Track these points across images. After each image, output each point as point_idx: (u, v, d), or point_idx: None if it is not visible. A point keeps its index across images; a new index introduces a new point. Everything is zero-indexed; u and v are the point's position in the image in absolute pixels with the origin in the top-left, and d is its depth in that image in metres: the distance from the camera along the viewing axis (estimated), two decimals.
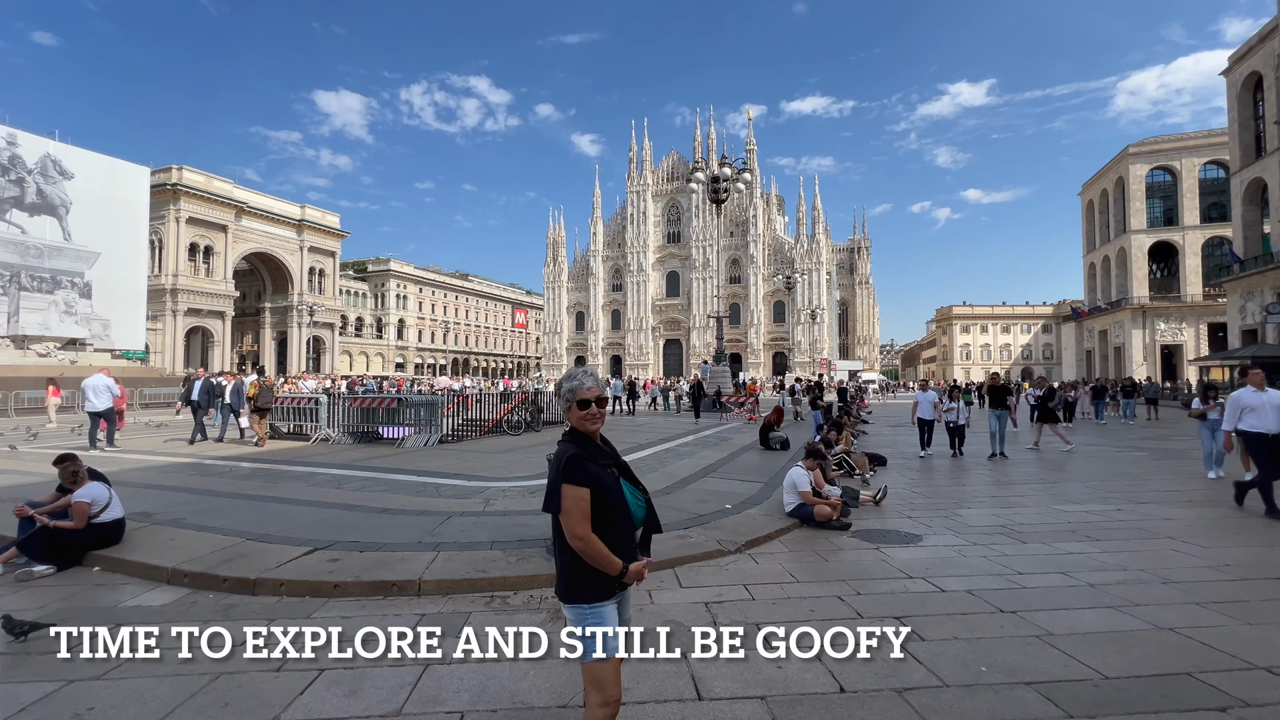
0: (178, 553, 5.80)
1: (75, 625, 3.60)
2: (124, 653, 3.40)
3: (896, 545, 6.45)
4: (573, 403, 2.45)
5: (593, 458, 2.40)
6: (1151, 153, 61.65)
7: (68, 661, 3.65)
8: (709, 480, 10.11)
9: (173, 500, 8.20)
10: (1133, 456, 13.89)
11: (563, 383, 2.52)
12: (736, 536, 6.56)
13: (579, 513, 2.30)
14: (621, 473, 2.51)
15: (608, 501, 2.36)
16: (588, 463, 2.37)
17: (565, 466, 2.35)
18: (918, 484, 10.47)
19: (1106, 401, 24.40)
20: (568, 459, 2.36)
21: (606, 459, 2.46)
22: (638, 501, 2.52)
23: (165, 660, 3.52)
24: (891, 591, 5.01)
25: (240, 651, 3.44)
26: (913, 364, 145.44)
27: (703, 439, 16.51)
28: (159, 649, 3.48)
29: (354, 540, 6.18)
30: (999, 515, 7.92)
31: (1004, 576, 5.34)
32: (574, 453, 2.37)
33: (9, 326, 32.64)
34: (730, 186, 31.18)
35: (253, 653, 3.40)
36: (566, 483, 2.32)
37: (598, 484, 2.34)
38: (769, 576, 5.42)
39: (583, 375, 2.50)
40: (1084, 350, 75.18)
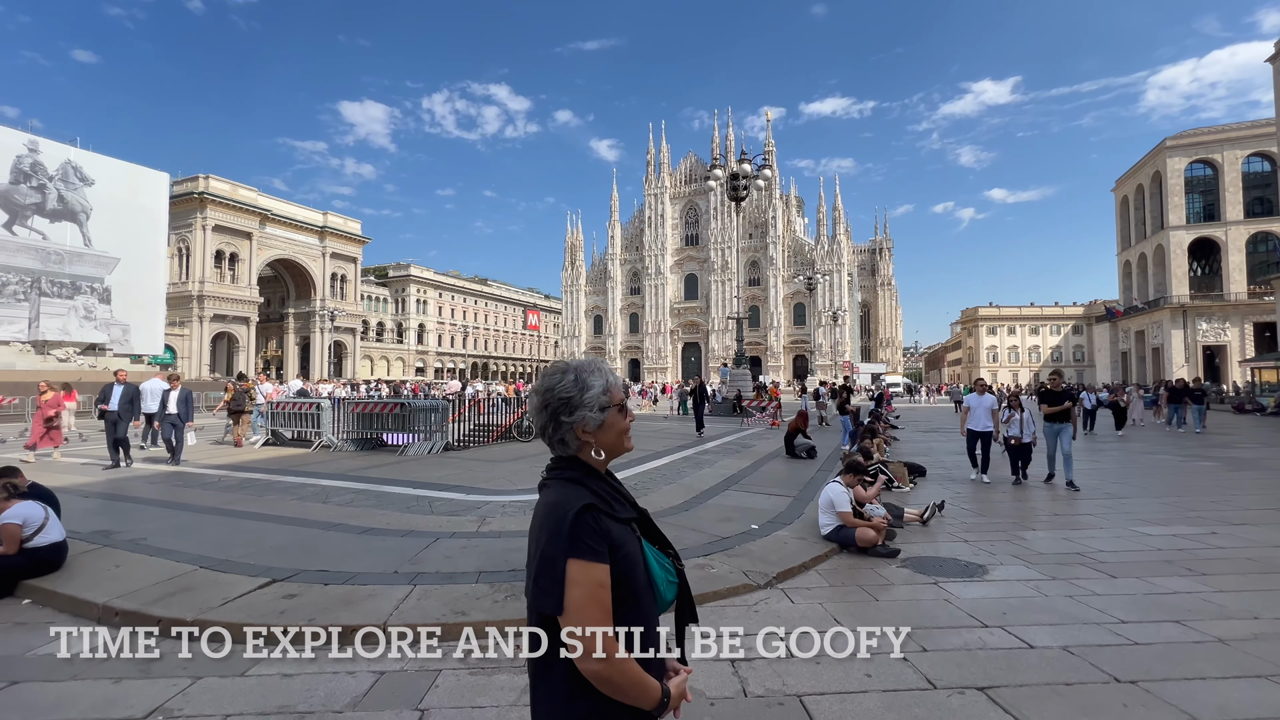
0: (117, 584, 5.01)
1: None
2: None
3: (958, 579, 5.42)
4: (608, 409, 1.50)
5: (611, 509, 1.44)
6: (1191, 145, 59.10)
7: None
8: (731, 494, 9.13)
9: (142, 516, 7.49)
10: (1201, 467, 12.56)
11: (580, 376, 1.51)
12: (766, 566, 5.59)
13: (599, 611, 1.33)
14: (642, 528, 1.54)
15: (632, 582, 1.41)
16: (606, 519, 1.40)
17: (575, 527, 1.34)
18: (965, 498, 9.37)
19: (1184, 403, 20.86)
20: (577, 514, 1.36)
21: (625, 507, 1.50)
22: (666, 574, 1.54)
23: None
24: (966, 646, 4.00)
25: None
26: (937, 366, 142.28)
27: (723, 446, 15.51)
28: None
29: (321, 569, 5.34)
30: (1070, 539, 6.83)
31: (1104, 627, 4.29)
32: (588, 503, 1.39)
33: (30, 332, 32.84)
34: (750, 184, 30.17)
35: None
36: (578, 557, 1.33)
37: (621, 554, 1.40)
38: (809, 622, 4.44)
39: (601, 367, 1.55)
40: (1119, 352, 72.39)
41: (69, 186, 34.90)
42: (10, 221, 33.22)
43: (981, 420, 10.88)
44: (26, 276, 33.23)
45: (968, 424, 11.07)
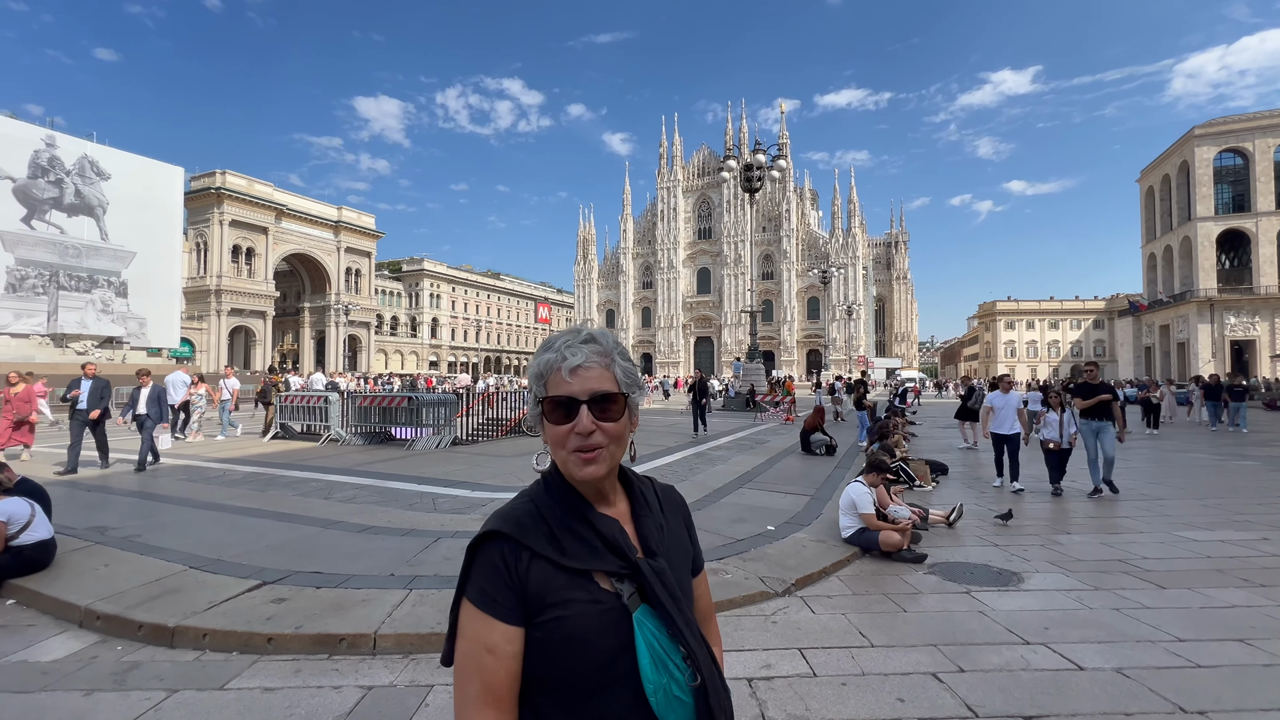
0: (103, 585, 4.79)
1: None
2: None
3: (991, 587, 5.04)
4: (541, 403, 1.06)
5: (557, 547, 1.00)
6: (1220, 134, 57.30)
7: None
8: (746, 492, 8.78)
9: (139, 511, 7.31)
10: (1241, 467, 11.98)
11: (539, 353, 1.10)
12: (785, 572, 5.24)
13: (476, 687, 0.95)
14: (642, 592, 1.01)
15: (570, 669, 0.96)
16: (536, 560, 0.98)
17: (469, 560, 1.01)
18: (991, 498, 8.94)
19: (1222, 401, 19.76)
20: (478, 542, 1.01)
21: (596, 551, 1.01)
22: (669, 677, 0.97)
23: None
24: (1007, 667, 3.63)
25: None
26: (953, 361, 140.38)
27: (737, 442, 15.15)
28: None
29: (315, 571, 5.08)
30: (1110, 544, 6.40)
31: (1160, 645, 3.90)
32: (494, 530, 1.00)
33: (48, 325, 33.23)
34: (764, 175, 29.65)
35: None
36: (469, 600, 0.98)
37: (551, 621, 0.96)
38: (832, 636, 4.10)
39: (566, 343, 1.06)
40: (1142, 346, 70.71)
41: (86, 181, 35.20)
42: (29, 216, 33.58)
43: (1008, 422, 9.58)
44: (45, 270, 33.61)
45: (991, 426, 9.76)
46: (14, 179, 32.78)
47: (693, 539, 1.22)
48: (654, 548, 1.07)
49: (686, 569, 1.14)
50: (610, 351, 1.08)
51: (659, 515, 1.14)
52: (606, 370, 1.06)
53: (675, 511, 1.20)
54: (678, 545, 1.14)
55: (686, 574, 1.13)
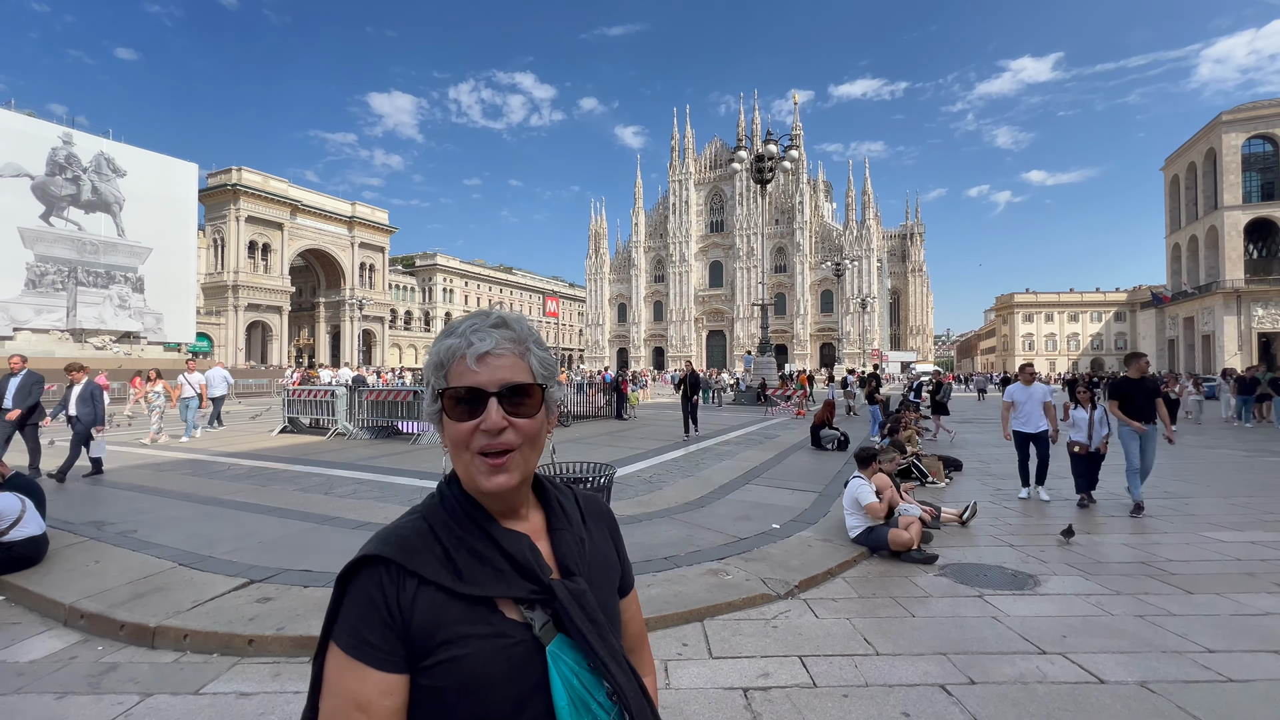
0: (90, 582, 4.72)
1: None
2: None
3: (1005, 591, 4.80)
4: (439, 400, 0.87)
5: (452, 573, 0.82)
6: (1249, 120, 55.56)
7: None
8: (752, 489, 8.57)
9: (140, 506, 7.27)
10: (1269, 464, 11.53)
11: (438, 340, 0.92)
12: (788, 573, 5.04)
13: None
14: (558, 620, 0.84)
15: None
16: (427, 588, 0.80)
17: (341, 594, 0.82)
18: (1006, 496, 8.65)
19: (1257, 395, 18.85)
20: (351, 570, 0.82)
21: (505, 575, 0.84)
22: (597, 716, 0.81)
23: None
24: (1021, 679, 3.41)
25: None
26: (969, 355, 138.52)
27: (745, 436, 14.92)
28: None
29: (305, 569, 4.98)
30: (1132, 545, 6.11)
31: (1187, 656, 3.65)
32: (374, 554, 0.81)
33: (68, 320, 33.76)
34: (776, 166, 29.19)
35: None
36: (338, 645, 0.79)
37: (444, 664, 0.78)
38: (835, 643, 3.90)
39: (472, 326, 0.88)
40: (1165, 339, 69.12)
41: (102, 178, 35.65)
42: (47, 213, 34.11)
43: (1033, 418, 8.35)
44: (64, 266, 34.15)
45: (1013, 423, 8.52)
46: (32, 176, 33.27)
47: (620, 554, 1.04)
48: (572, 567, 0.90)
49: (613, 589, 0.98)
50: (525, 338, 0.91)
51: (579, 529, 0.96)
52: (520, 359, 0.88)
53: (600, 523, 1.03)
54: (602, 562, 0.97)
55: (613, 595, 0.97)
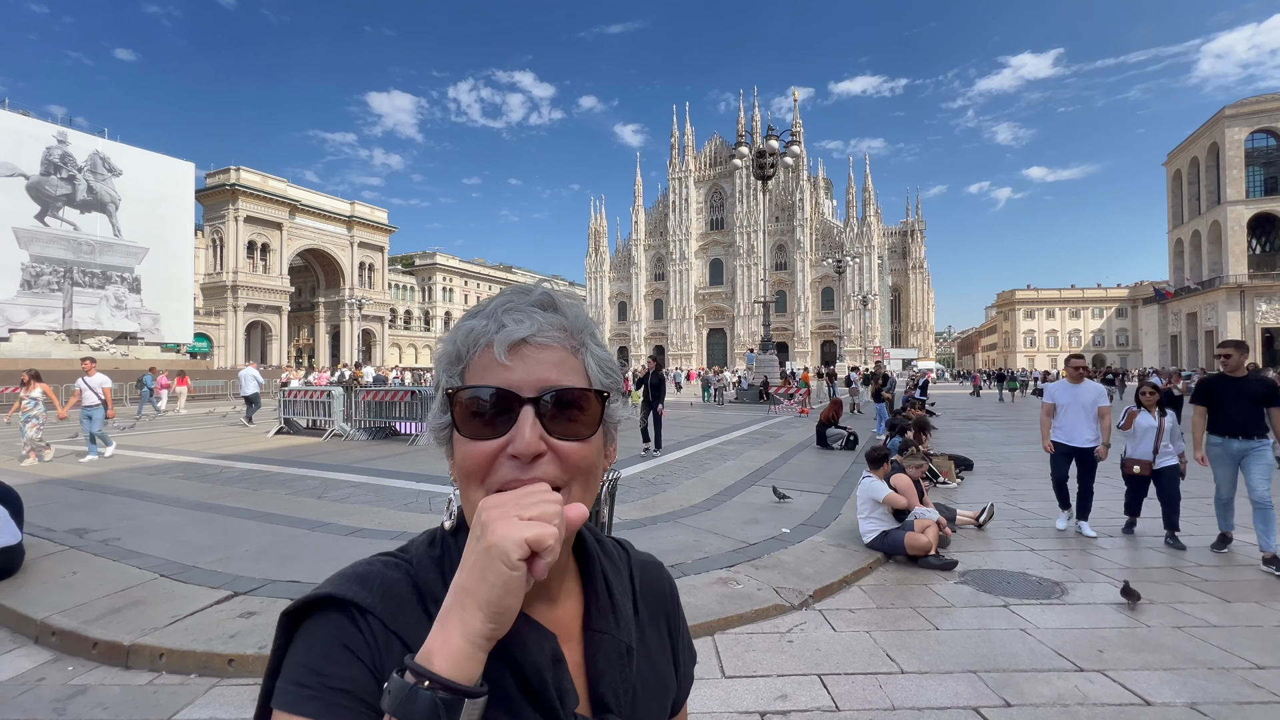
0: (66, 595, 4.46)
1: None
2: None
3: (1032, 600, 4.55)
4: (449, 411, 0.59)
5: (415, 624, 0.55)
6: (1252, 114, 55.31)
7: None
8: (758, 490, 8.32)
9: (126, 512, 7.02)
10: None
11: (451, 332, 0.64)
12: (801, 582, 4.79)
13: None
14: (538, 702, 0.56)
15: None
16: (395, 638, 0.54)
17: (299, 641, 0.53)
18: (1020, 494, 8.40)
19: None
20: (314, 604, 0.55)
21: (516, 707, 0.55)
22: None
23: None
24: (1060, 700, 3.16)
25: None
26: (970, 352, 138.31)
27: (749, 435, 14.67)
28: None
29: (293, 580, 4.73)
30: (1157, 549, 5.86)
31: (1235, 674, 3.40)
32: (332, 595, 0.55)
33: (64, 321, 33.50)
34: (777, 162, 28.91)
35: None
36: (287, 711, 0.49)
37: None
38: (856, 659, 3.64)
39: (505, 305, 0.60)
40: (1168, 335, 68.88)
41: (98, 177, 35.36)
42: (42, 213, 33.82)
43: (1080, 427, 6.27)
44: (59, 267, 33.87)
45: (1053, 434, 6.48)
46: (27, 176, 32.99)
47: (678, 657, 0.74)
48: (608, 699, 0.61)
49: (662, 715, 0.68)
50: (580, 327, 0.62)
51: (628, 626, 0.65)
52: (571, 355, 0.60)
53: (657, 612, 0.73)
54: (654, 684, 0.68)
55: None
